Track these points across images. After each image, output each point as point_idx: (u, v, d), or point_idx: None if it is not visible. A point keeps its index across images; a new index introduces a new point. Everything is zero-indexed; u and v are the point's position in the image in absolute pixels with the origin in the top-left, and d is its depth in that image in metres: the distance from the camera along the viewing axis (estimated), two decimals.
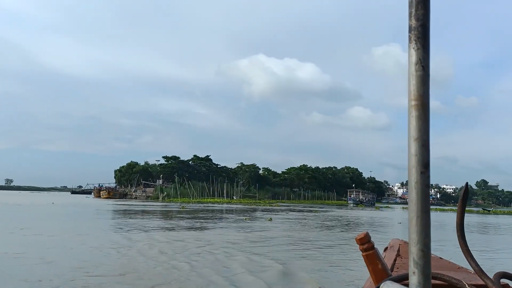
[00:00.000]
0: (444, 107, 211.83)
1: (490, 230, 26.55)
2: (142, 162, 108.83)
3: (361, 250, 1.65)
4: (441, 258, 2.72)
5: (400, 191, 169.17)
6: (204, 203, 61.63)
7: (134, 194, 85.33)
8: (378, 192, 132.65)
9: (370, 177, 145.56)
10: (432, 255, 0.74)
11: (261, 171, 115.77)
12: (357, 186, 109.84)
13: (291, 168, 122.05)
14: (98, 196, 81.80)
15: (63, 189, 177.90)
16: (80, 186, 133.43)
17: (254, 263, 9.72)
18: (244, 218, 26.87)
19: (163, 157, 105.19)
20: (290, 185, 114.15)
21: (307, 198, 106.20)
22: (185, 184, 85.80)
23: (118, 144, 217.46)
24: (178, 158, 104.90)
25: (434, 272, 1.22)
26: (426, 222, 0.75)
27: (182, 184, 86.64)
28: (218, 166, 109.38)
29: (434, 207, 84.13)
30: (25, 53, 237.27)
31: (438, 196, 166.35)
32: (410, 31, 0.78)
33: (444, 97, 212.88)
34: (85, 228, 17.18)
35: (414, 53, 0.77)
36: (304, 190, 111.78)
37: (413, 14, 0.77)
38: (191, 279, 7.81)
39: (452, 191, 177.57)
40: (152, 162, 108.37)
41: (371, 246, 1.64)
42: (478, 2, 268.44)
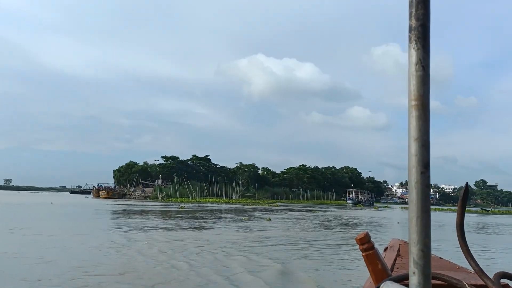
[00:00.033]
0: (443, 107, 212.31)
1: (488, 230, 26.59)
2: (141, 162, 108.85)
3: (361, 250, 1.65)
4: (441, 258, 2.72)
5: (399, 191, 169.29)
6: (203, 203, 61.59)
7: (133, 194, 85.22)
8: (377, 192, 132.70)
9: (369, 177, 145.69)
10: (432, 255, 0.75)
11: (260, 171, 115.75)
12: (356, 186, 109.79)
13: (290, 168, 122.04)
14: (97, 196, 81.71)
15: (62, 189, 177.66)
16: (79, 186, 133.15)
17: (253, 263, 9.73)
18: (243, 218, 26.86)
19: (162, 157, 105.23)
20: (289, 185, 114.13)
21: (306, 198, 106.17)
22: (184, 184, 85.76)
23: (117, 144, 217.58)
24: (177, 158, 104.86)
25: (434, 272, 1.22)
26: (426, 222, 0.75)
27: (181, 184, 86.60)
28: (217, 166, 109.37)
29: (433, 207, 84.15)
30: (25, 53, 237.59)
31: (437, 196, 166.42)
32: (410, 31, 0.78)
33: (443, 97, 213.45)
34: (84, 228, 17.16)
35: (414, 53, 0.77)
36: (303, 190, 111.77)
37: (413, 14, 0.77)
38: (191, 279, 7.82)
39: (451, 191, 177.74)
40: (151, 162, 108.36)
41: (371, 246, 1.64)
42: (477, 2, 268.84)
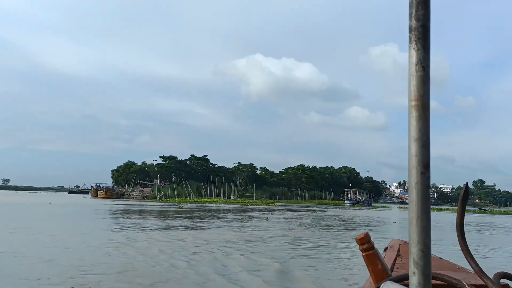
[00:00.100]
0: (442, 107, 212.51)
1: (486, 230, 26.66)
2: (139, 162, 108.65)
3: (361, 250, 1.64)
4: (441, 258, 2.72)
5: (397, 191, 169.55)
6: (201, 203, 61.55)
7: (131, 194, 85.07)
8: (375, 192, 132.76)
9: (368, 176, 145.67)
10: (432, 255, 0.76)
11: (258, 171, 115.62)
12: (354, 186, 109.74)
13: (289, 168, 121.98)
14: (95, 196, 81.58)
15: (60, 189, 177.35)
16: (77, 186, 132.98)
17: (251, 262, 9.75)
18: (240, 218, 26.87)
19: (161, 157, 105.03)
20: (287, 185, 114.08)
21: (305, 198, 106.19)
22: (182, 184, 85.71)
23: (115, 143, 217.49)
24: (176, 158, 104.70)
25: (434, 272, 1.22)
26: (426, 222, 0.76)
27: (179, 184, 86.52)
28: (216, 166, 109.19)
29: (431, 207, 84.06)
30: (24, 52, 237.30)
31: (435, 195, 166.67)
32: (410, 32, 0.78)
33: (442, 97, 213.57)
34: (83, 227, 17.14)
35: (414, 53, 0.77)
36: (301, 190, 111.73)
37: (413, 15, 0.77)
38: (190, 277, 7.84)
39: (449, 191, 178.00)
40: (149, 162, 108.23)
41: (371, 246, 1.63)
42: (475, 2, 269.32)
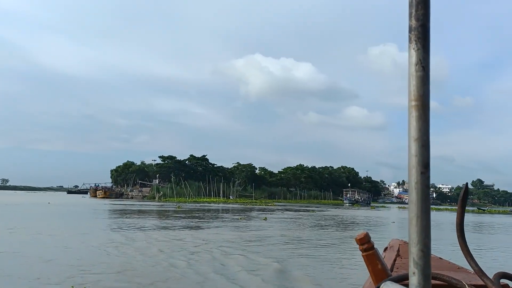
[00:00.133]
0: (440, 107, 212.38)
1: (484, 230, 26.67)
2: (138, 162, 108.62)
3: (361, 250, 1.64)
4: (441, 258, 2.72)
5: (396, 191, 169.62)
6: (200, 203, 61.54)
7: (130, 194, 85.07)
8: (374, 191, 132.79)
9: (367, 176, 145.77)
10: (432, 255, 0.76)
11: (257, 171, 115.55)
12: (353, 185, 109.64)
13: (288, 167, 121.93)
14: (95, 196, 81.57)
15: (59, 188, 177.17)
16: (76, 186, 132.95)
17: (250, 261, 9.77)
18: (239, 218, 26.87)
19: (160, 156, 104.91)
20: (286, 184, 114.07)
21: (304, 198, 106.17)
22: (181, 183, 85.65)
23: (114, 143, 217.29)
24: (175, 157, 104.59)
25: (434, 272, 1.22)
26: (426, 222, 0.75)
27: (178, 183, 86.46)
28: (215, 165, 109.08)
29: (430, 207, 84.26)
30: (23, 52, 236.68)
31: (434, 195, 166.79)
32: (410, 32, 0.78)
33: (440, 97, 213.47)
34: (82, 227, 17.15)
35: (414, 53, 0.77)
36: (300, 189, 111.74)
37: (413, 15, 0.77)
38: (189, 277, 7.86)
39: (448, 191, 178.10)
40: (148, 161, 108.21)
41: (371, 246, 1.63)
42: (473, 3, 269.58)
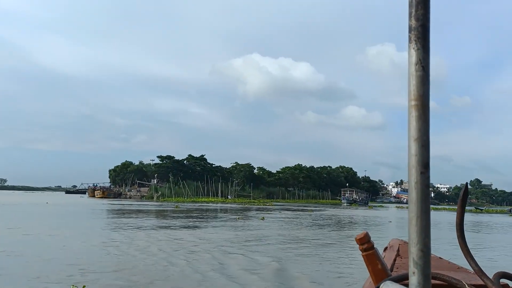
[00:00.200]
0: (438, 107, 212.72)
1: (481, 229, 26.71)
2: (136, 162, 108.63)
3: (360, 250, 1.64)
4: (440, 258, 2.72)
5: (394, 190, 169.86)
6: (198, 203, 61.53)
7: (129, 193, 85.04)
8: (372, 191, 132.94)
9: (365, 176, 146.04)
10: (431, 255, 0.77)
11: (256, 171, 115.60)
12: (351, 185, 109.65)
13: (286, 167, 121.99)
14: (93, 195, 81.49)
15: (58, 188, 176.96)
16: (74, 186, 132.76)
17: (248, 260, 9.82)
18: (237, 218, 26.89)
19: (158, 156, 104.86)
20: (284, 184, 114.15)
21: (302, 198, 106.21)
22: (179, 183, 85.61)
23: (112, 143, 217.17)
24: (173, 157, 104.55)
25: (434, 272, 1.22)
26: (426, 222, 0.75)
27: (176, 183, 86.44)
28: (213, 165, 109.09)
29: None
30: (19, 51, 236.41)
31: (432, 195, 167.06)
32: (410, 31, 0.78)
33: (438, 96, 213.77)
34: (81, 227, 17.17)
35: (414, 53, 0.77)
36: (298, 189, 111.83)
37: (413, 14, 0.77)
38: (188, 275, 7.89)
39: (446, 190, 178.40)
40: (146, 161, 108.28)
41: (371, 246, 1.63)
42: (472, 3, 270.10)
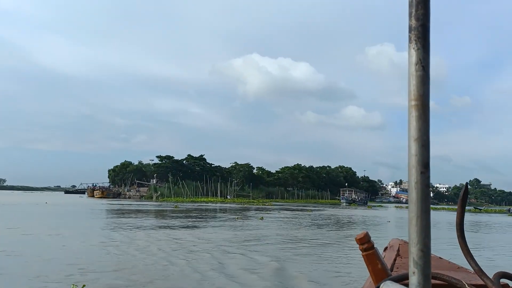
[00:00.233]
0: (438, 107, 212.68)
1: (479, 228, 26.74)
2: (136, 162, 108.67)
3: (361, 250, 1.64)
4: (440, 258, 2.72)
5: (393, 190, 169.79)
6: (197, 203, 61.52)
7: (128, 193, 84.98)
8: (372, 191, 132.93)
9: (364, 176, 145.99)
10: (431, 255, 0.77)
11: (255, 171, 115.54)
12: (350, 185, 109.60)
13: (285, 167, 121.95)
14: (92, 195, 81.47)
15: (57, 188, 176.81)
16: (73, 186, 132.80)
17: (247, 259, 9.87)
18: (236, 217, 26.90)
19: (157, 156, 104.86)
20: (284, 184, 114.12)
21: (301, 197, 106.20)
22: (179, 183, 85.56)
23: (112, 143, 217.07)
24: (172, 157, 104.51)
25: (434, 272, 1.22)
26: (426, 222, 0.75)
27: (176, 183, 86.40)
28: (212, 165, 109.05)
29: None
30: (19, 51, 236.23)
31: (431, 195, 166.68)
32: (410, 31, 0.77)
33: (438, 96, 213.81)
34: (80, 227, 17.19)
35: (414, 53, 0.77)
36: (298, 189, 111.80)
37: (413, 14, 0.77)
38: (187, 275, 7.91)
39: (445, 190, 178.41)
40: (146, 161, 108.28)
41: (371, 246, 1.63)
42: (471, 2, 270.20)
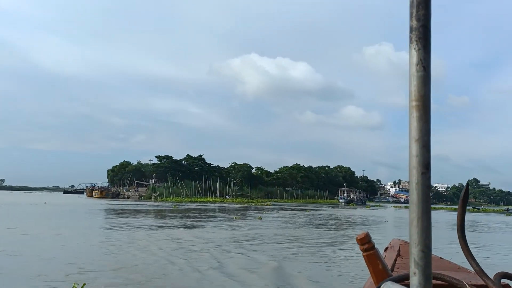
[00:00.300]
0: (436, 107, 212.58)
1: (478, 228, 26.77)
2: (135, 162, 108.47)
3: (361, 250, 1.64)
4: (441, 258, 2.72)
5: (392, 190, 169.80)
6: (196, 203, 61.51)
7: (127, 193, 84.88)
8: (370, 191, 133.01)
9: (363, 176, 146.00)
10: (432, 255, 0.76)
11: (254, 170, 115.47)
12: (349, 185, 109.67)
13: (284, 167, 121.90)
14: (91, 195, 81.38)
15: (56, 188, 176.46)
16: (72, 186, 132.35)
17: (245, 259, 9.89)
18: (234, 217, 26.91)
19: (156, 156, 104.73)
20: (283, 184, 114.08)
21: (300, 197, 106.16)
22: (178, 183, 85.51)
23: (110, 143, 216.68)
24: (171, 157, 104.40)
25: (434, 272, 1.22)
26: (427, 223, 0.75)
27: (175, 183, 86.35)
28: (211, 165, 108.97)
29: None
30: (19, 51, 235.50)
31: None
32: (411, 32, 0.77)
33: (436, 96, 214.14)
34: (79, 226, 17.20)
35: (415, 53, 0.76)
36: (297, 189, 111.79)
37: (414, 15, 0.77)
38: (187, 274, 7.92)
39: (444, 190, 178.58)
40: (145, 161, 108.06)
41: (372, 246, 1.63)
42: (470, 3, 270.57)
